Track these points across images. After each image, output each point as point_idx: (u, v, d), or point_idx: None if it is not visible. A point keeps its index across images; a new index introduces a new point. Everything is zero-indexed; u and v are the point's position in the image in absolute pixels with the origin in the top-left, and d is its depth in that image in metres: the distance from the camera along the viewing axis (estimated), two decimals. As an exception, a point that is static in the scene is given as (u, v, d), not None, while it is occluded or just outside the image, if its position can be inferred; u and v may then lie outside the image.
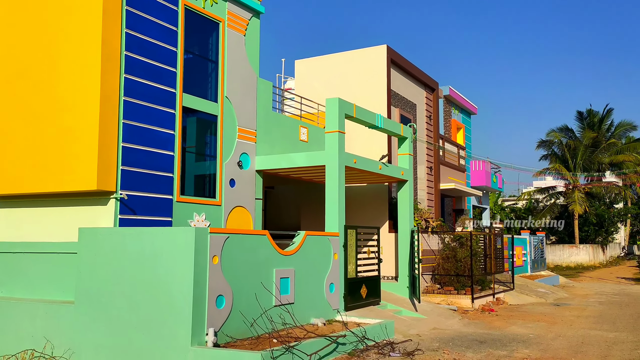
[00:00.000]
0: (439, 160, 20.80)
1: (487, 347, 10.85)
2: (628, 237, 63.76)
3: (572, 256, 43.94)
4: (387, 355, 9.91)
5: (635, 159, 44.05)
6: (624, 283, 28.79)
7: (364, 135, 16.62)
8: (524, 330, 12.91)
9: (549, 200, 48.88)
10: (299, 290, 10.78)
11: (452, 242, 17.33)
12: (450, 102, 25.36)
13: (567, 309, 17.07)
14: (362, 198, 17.27)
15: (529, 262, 27.64)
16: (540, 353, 10.41)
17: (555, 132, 46.46)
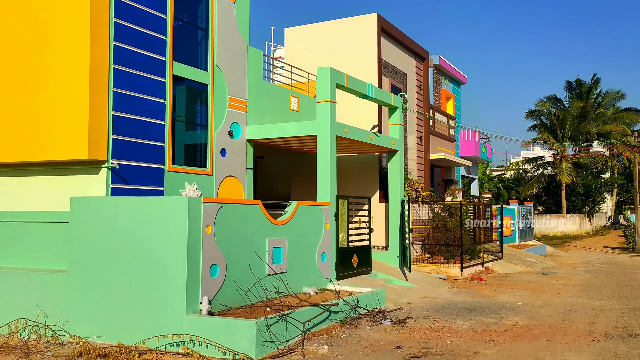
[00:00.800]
0: (429, 130, 20.78)
1: (476, 315, 11.02)
2: (614, 207, 64.64)
3: (559, 226, 44.49)
4: (378, 323, 10.04)
5: (623, 129, 44.32)
6: (609, 252, 29.28)
7: (354, 105, 16.51)
8: (513, 299, 13.11)
9: (537, 171, 49.24)
10: (292, 260, 10.83)
11: (442, 212, 17.43)
12: (440, 71, 25.23)
13: (554, 278, 17.34)
14: (353, 168, 17.27)
15: (517, 231, 27.96)
16: (528, 320, 10.60)
17: (544, 102, 46.54)
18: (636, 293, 14.13)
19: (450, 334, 9.32)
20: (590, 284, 16.05)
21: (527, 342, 8.85)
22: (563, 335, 9.35)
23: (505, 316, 10.96)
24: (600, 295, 13.77)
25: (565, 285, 15.68)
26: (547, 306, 12.19)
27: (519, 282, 16.02)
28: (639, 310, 11.72)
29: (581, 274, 18.67)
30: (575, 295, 13.73)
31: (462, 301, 12.66)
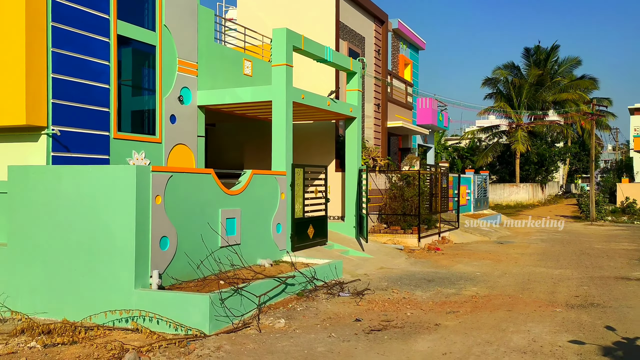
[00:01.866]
0: (386, 97, 20.40)
1: (435, 286, 10.84)
2: (566, 176, 66.32)
3: (513, 195, 45.26)
4: (336, 295, 9.72)
5: (579, 97, 45.03)
6: (562, 220, 29.89)
7: (311, 69, 15.93)
8: (471, 269, 13.03)
9: (492, 140, 49.78)
10: (246, 231, 10.36)
11: (399, 181, 17.19)
12: (399, 36, 24.78)
13: (510, 247, 17.45)
14: (309, 136, 16.76)
15: (473, 201, 28.17)
16: (488, 290, 10.48)
17: (501, 70, 46.73)
18: (594, 262, 14.28)
19: (410, 306, 9.08)
20: (547, 252, 16.20)
21: (488, 312, 8.69)
22: (524, 305, 9.24)
23: (465, 286, 10.82)
24: (558, 264, 13.85)
25: (522, 254, 15.76)
26: (506, 276, 12.14)
27: (475, 252, 16.02)
28: (598, 279, 11.78)
29: (537, 242, 18.87)
30: (533, 265, 13.77)
31: (420, 272, 12.49)
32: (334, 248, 13.86)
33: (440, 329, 7.68)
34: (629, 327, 7.77)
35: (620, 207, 33.22)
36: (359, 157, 15.33)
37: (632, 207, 32.36)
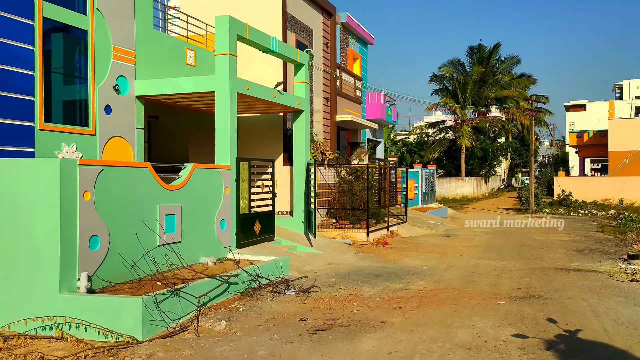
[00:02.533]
0: (335, 91, 20.18)
1: (383, 281, 10.67)
2: (507, 170, 68.15)
3: (458, 189, 46.07)
4: (282, 293, 9.40)
5: (519, 94, 46.20)
6: (504, 213, 30.49)
7: (257, 60, 15.51)
8: (418, 262, 12.96)
9: (439, 135, 50.52)
10: (187, 228, 9.89)
11: (348, 175, 16.99)
12: (348, 30, 24.59)
13: (456, 240, 17.55)
14: (256, 129, 16.34)
15: (420, 195, 28.37)
16: (434, 284, 10.38)
17: (447, 67, 47.44)
18: (534, 253, 14.48)
19: (356, 303, 8.85)
20: (490, 244, 16.36)
21: (434, 307, 8.56)
22: (469, 298, 9.17)
23: (412, 281, 10.70)
24: (501, 256, 13.97)
25: (467, 247, 15.85)
26: (452, 269, 12.12)
27: (423, 245, 16.02)
28: (538, 270, 11.90)
29: (481, 235, 19.08)
30: (477, 257, 13.83)
31: (368, 267, 12.31)
32: (282, 244, 13.53)
33: (386, 327, 7.47)
34: (570, 319, 7.78)
35: (557, 200, 34.31)
36: (307, 150, 15.03)
37: (567, 200, 33.47)
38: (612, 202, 33.73)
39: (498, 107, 47.34)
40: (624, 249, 15.21)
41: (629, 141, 35.95)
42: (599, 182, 36.04)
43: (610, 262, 12.95)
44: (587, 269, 12.02)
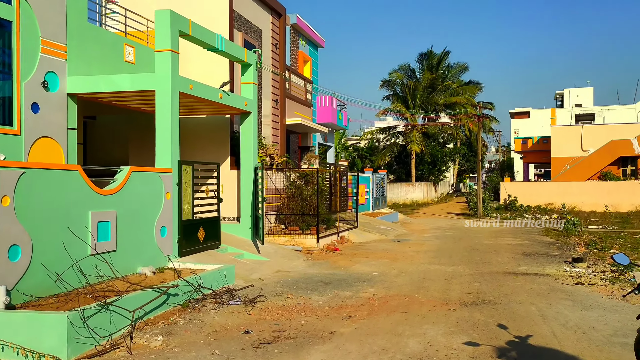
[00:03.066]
0: (285, 93, 19.73)
1: (332, 288, 10.26)
2: (456, 176, 69.35)
3: (409, 194, 46.37)
4: (226, 304, 8.86)
5: (467, 101, 46.95)
6: (453, 218, 30.76)
7: (202, 59, 14.90)
8: (369, 269, 12.63)
9: (390, 140, 50.81)
10: (123, 236, 9.23)
11: (298, 179, 16.56)
12: (298, 32, 24.20)
13: (407, 245, 17.37)
14: (201, 131, 15.70)
15: (371, 200, 28.22)
16: (385, 291, 10.05)
17: (398, 72, 47.74)
18: (483, 257, 14.40)
19: (304, 312, 8.40)
20: (440, 249, 16.23)
21: (385, 315, 8.21)
22: (420, 305, 8.87)
23: (362, 288, 10.34)
24: (451, 261, 13.81)
25: (418, 252, 15.67)
26: (402, 275, 11.84)
27: (374, 251, 15.73)
28: (488, 274, 11.77)
29: (431, 240, 18.99)
30: (427, 262, 13.63)
31: (318, 274, 11.89)
32: (228, 251, 12.96)
33: (335, 338, 7.06)
34: (520, 325, 7.58)
35: (504, 204, 34.91)
36: (255, 154, 14.52)
37: (513, 204, 34.09)
38: (555, 206, 34.57)
39: (447, 113, 47.99)
40: (568, 252, 15.34)
41: (570, 147, 36.99)
42: (542, 187, 36.90)
43: (556, 265, 12.97)
44: (535, 272, 11.97)
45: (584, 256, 13.06)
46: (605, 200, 33.47)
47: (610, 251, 16.10)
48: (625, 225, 25.72)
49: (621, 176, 35.69)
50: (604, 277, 11.04)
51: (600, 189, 34.21)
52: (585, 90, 65.50)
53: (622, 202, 33.25)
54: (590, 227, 24.93)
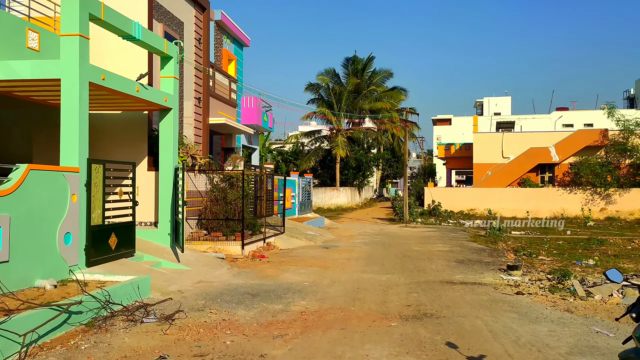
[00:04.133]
0: (208, 91, 18.60)
1: (260, 301, 9.37)
2: (379, 181, 70.00)
3: (333, 198, 46.05)
4: (139, 322, 7.76)
5: (391, 106, 47.30)
6: (379, 223, 30.59)
7: (119, 51, 13.61)
8: (298, 278, 11.82)
9: (314, 144, 50.38)
10: (17, 244, 7.95)
11: (221, 182, 15.49)
12: (222, 29, 23.10)
13: (336, 251, 16.71)
14: (116, 129, 14.33)
15: (297, 204, 27.47)
16: (318, 304, 9.28)
17: (324, 76, 47.41)
18: (417, 265, 13.96)
19: (230, 331, 7.46)
20: (371, 256, 15.69)
21: (320, 333, 7.42)
22: (358, 320, 8.16)
23: (293, 300, 9.51)
24: (384, 269, 13.26)
25: (349, 259, 15.03)
26: (335, 285, 11.11)
27: (302, 258, 14.94)
28: (424, 284, 11.26)
29: (361, 246, 18.46)
30: (360, 270, 13.00)
31: (244, 284, 10.94)
32: (144, 260, 11.76)
33: (266, 362, 6.19)
34: (470, 342, 7.01)
35: (428, 210, 35.30)
36: (175, 154, 13.39)
37: (437, 210, 34.53)
38: (477, 212, 35.27)
39: (372, 118, 48.14)
40: (500, 259, 15.24)
41: (491, 154, 37.88)
42: (465, 193, 37.58)
43: (492, 273, 12.71)
44: (472, 281, 11.60)
45: (519, 264, 12.88)
46: (524, 206, 34.44)
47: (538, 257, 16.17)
48: (547, 231, 26.43)
49: (539, 183, 36.90)
50: (543, 286, 10.80)
51: (519, 195, 35.21)
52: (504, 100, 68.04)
53: (540, 208, 34.33)
54: (513, 232, 25.39)
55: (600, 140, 35.48)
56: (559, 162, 36.32)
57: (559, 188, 35.15)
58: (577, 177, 35.04)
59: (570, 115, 60.16)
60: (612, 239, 21.28)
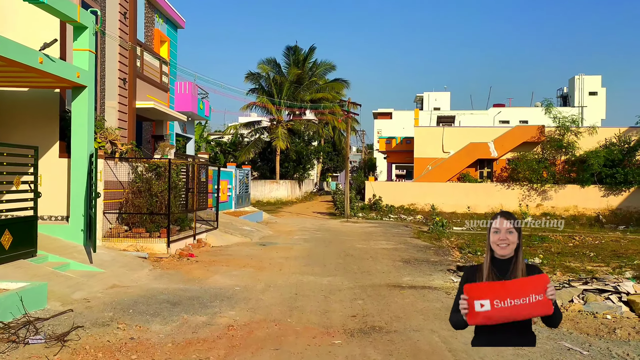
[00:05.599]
0: (135, 72, 16.81)
1: (181, 312, 7.97)
2: (320, 174, 69.03)
3: (273, 192, 44.69)
4: (22, 343, 6.22)
5: (333, 98, 46.32)
6: (320, 218, 29.50)
7: (23, 18, 11.76)
8: (229, 281, 10.45)
9: (254, 135, 48.78)
10: None
11: (147, 172, 13.85)
12: (154, 7, 21.23)
13: (274, 249, 15.40)
14: (21, 108, 12.47)
15: (234, 197, 25.96)
16: (249, 314, 7.97)
17: (264, 65, 45.84)
18: (360, 265, 12.86)
19: (137, 355, 6.05)
20: (312, 255, 14.49)
21: (249, 356, 6.13)
22: (295, 336, 6.91)
23: (220, 310, 8.17)
24: (326, 270, 12.08)
25: (287, 258, 13.77)
26: (271, 289, 9.83)
27: (236, 257, 13.56)
28: (370, 288, 10.14)
29: (300, 243, 17.23)
30: (299, 272, 11.77)
31: (165, 289, 9.48)
32: (48, 261, 10.11)
33: (178, 400, 4.85)
34: (429, 364, 5.91)
35: (369, 204, 34.59)
36: (91, 139, 11.73)
37: (378, 204, 33.85)
38: (418, 207, 34.79)
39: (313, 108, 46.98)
40: (446, 258, 14.41)
41: (432, 149, 37.53)
42: (405, 187, 37.06)
43: (441, 274, 11.78)
44: (421, 284, 10.59)
45: (469, 264, 12.00)
46: (464, 201, 34.27)
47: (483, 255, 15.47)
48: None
49: (478, 178, 36.85)
50: (497, 290, 9.89)
51: (459, 190, 35.01)
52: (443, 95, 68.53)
53: (479, 203, 34.25)
54: (454, 228, 24.88)
55: (537, 137, 35.70)
56: (498, 157, 36.36)
57: (497, 183, 35.19)
58: (514, 173, 35.19)
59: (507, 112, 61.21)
60: (553, 235, 21.06)
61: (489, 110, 61.42)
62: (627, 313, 8.61)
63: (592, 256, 15.75)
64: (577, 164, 34.69)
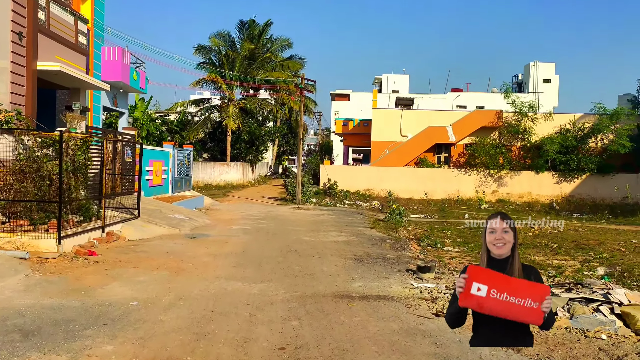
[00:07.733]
0: (36, 26, 13.86)
1: (31, 348, 5.48)
2: (275, 157, 66.39)
3: (223, 174, 42.02)
4: None
5: (289, 77, 43.71)
6: (270, 204, 27.10)
7: None
8: (128, 292, 7.94)
9: (204, 114, 45.75)
10: None
11: (40, 148, 11.05)
12: (74, -43, 18.14)
13: (204, 244, 12.89)
14: None
15: (171, 180, 23.23)
16: (133, 350, 5.55)
17: (216, 39, 42.71)
18: (304, 265, 10.51)
19: None
20: (247, 251, 12.06)
21: None
22: (187, 394, 4.53)
23: (93, 344, 5.70)
24: (260, 273, 9.69)
25: (216, 255, 11.30)
26: (179, 305, 7.38)
27: (152, 255, 11.00)
28: (311, 301, 7.80)
29: (238, 235, 14.78)
30: (225, 275, 9.34)
31: (29, 307, 6.92)
32: None
33: None
34: None
35: (323, 189, 32.76)
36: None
37: (333, 189, 32.02)
38: (374, 192, 32.92)
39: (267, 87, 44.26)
40: (404, 253, 12.30)
41: (390, 132, 35.65)
42: (362, 172, 35.06)
43: (399, 277, 9.58)
44: (375, 293, 8.34)
45: (431, 264, 9.85)
46: (421, 187, 32.62)
47: (444, 248, 13.50)
48: (445, 215, 24.28)
49: (436, 163, 35.22)
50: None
51: (417, 175, 33.32)
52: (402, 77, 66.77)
53: (437, 189, 32.66)
54: (412, 215, 22.94)
55: (495, 122, 34.41)
56: (456, 142, 34.79)
57: (455, 169, 33.77)
58: (471, 158, 33.98)
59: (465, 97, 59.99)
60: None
61: (447, 95, 59.94)
62: (623, 329, 7.07)
63: (555, 248, 14.23)
64: (533, 150, 33.80)
